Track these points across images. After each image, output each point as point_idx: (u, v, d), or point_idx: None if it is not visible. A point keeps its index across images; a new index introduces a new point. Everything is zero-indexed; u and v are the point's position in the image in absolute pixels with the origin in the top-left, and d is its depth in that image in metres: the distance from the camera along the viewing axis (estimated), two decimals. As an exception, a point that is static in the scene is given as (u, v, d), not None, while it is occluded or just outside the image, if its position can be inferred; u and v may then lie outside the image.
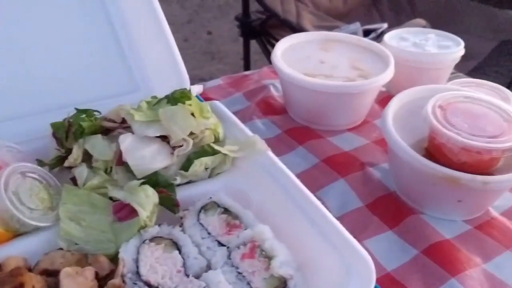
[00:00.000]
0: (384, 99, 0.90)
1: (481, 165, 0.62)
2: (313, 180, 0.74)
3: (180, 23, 3.78)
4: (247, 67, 2.50)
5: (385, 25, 1.71)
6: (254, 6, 2.25)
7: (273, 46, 0.85)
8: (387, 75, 0.80)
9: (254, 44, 2.39)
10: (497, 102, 0.67)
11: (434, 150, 0.65)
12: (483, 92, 0.83)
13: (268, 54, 2.14)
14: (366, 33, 1.76)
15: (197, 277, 0.53)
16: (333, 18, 2.12)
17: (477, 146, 0.59)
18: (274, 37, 2.16)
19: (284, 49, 0.88)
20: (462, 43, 0.90)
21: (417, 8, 2.49)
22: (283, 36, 2.19)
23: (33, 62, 0.73)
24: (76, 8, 0.76)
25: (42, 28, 0.74)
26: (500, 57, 2.15)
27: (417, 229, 0.66)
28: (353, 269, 0.50)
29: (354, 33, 1.73)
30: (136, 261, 0.54)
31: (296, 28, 1.91)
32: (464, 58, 2.32)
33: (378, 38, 1.59)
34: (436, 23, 2.30)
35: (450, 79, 0.96)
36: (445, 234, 0.65)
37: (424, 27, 1.67)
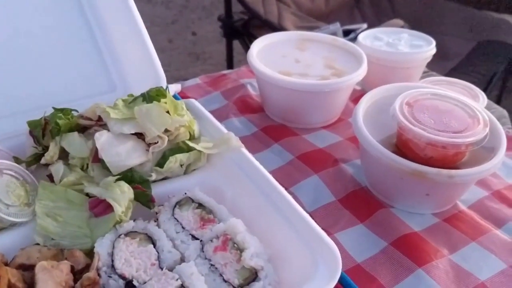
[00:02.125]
0: (359, 97, 0.92)
1: (446, 159, 0.64)
2: (287, 176, 0.76)
3: (165, 24, 3.78)
4: (230, 67, 2.51)
5: (364, 25, 1.74)
6: (237, 7, 2.26)
7: None
8: (360, 73, 0.82)
9: (238, 44, 2.41)
10: (463, 99, 0.69)
11: (402, 146, 0.67)
12: (454, 90, 0.86)
13: (250, 54, 2.15)
14: (346, 33, 1.79)
15: (171, 269, 0.54)
16: (316, 19, 2.14)
17: (442, 141, 0.62)
18: (256, 38, 2.18)
19: (260, 48, 0.90)
20: (434, 43, 0.92)
21: (397, 9, 2.52)
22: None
23: (11, 63, 0.74)
24: (54, 9, 0.77)
25: (20, 30, 0.75)
26: (479, 57, 2.19)
27: (386, 222, 0.68)
28: (320, 259, 0.52)
29: (334, 33, 1.76)
30: (111, 255, 0.55)
31: (278, 29, 1.93)
32: (443, 58, 2.35)
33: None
34: (416, 23, 2.34)
35: (423, 77, 0.99)
36: (413, 227, 0.68)
37: (402, 27, 1.70)
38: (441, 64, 2.18)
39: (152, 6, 4.00)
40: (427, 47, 0.91)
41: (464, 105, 0.68)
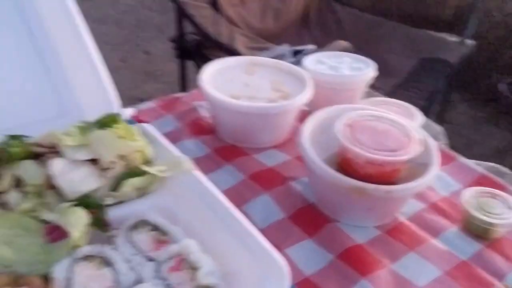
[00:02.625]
0: (306, 116, 0.97)
1: (384, 176, 0.69)
2: (239, 195, 0.79)
3: (117, 43, 3.76)
4: (183, 87, 2.54)
5: (313, 46, 1.81)
6: (189, 27, 2.30)
7: None
8: (305, 96, 0.87)
9: (192, 62, 2.44)
10: (399, 119, 0.75)
11: (344, 164, 0.72)
12: (392, 109, 0.92)
13: (203, 74, 2.19)
14: (296, 53, 1.86)
15: (128, 291, 0.56)
16: (266, 39, 2.21)
17: (379, 159, 0.67)
18: (209, 58, 2.22)
19: (211, 73, 0.93)
20: (372, 65, 0.99)
21: (343, 29, 2.63)
22: (217, 57, 2.26)
23: None
24: (3, 34, 0.78)
25: None
26: (420, 74, 2.30)
27: (333, 236, 0.73)
28: (269, 274, 0.56)
29: (283, 54, 1.82)
30: (69, 279, 0.57)
31: (229, 50, 1.98)
32: (387, 75, 2.46)
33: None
34: (361, 43, 2.45)
35: (366, 97, 1.05)
36: (357, 240, 0.72)
37: (346, 47, 1.79)
38: (385, 81, 2.28)
39: (104, 25, 3.98)
40: (367, 70, 0.98)
41: (399, 125, 0.73)
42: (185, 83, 2.52)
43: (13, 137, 0.69)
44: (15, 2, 0.79)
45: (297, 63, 1.49)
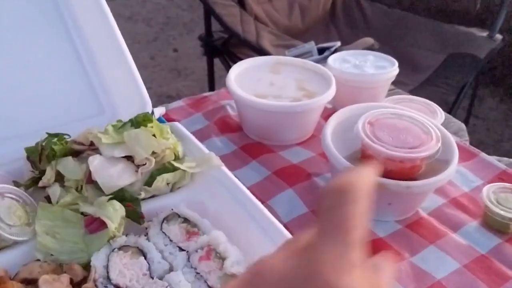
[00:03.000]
0: (330, 115, 0.99)
1: (404, 172, 0.72)
2: (264, 190, 0.83)
3: (146, 41, 3.84)
4: (211, 84, 2.59)
5: (338, 43, 1.82)
6: (217, 26, 2.34)
7: (235, 63, 0.94)
8: (329, 94, 0.90)
9: (217, 59, 2.48)
10: (419, 117, 0.77)
11: (365, 161, 0.74)
12: (414, 107, 0.94)
13: (230, 72, 2.23)
14: (321, 51, 1.88)
15: (161, 278, 0.61)
16: (293, 36, 2.23)
17: (399, 156, 0.70)
18: (236, 56, 2.26)
19: (238, 73, 0.97)
20: (396, 64, 1.01)
21: (371, 24, 2.63)
22: (244, 55, 2.30)
23: (6, 91, 0.79)
24: (44, 39, 0.83)
25: (12, 59, 0.81)
26: (449, 69, 2.29)
27: (355, 230, 0.75)
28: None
29: (309, 51, 1.85)
30: (107, 267, 0.62)
31: (256, 48, 2.02)
32: (415, 71, 2.44)
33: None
34: (389, 39, 2.45)
35: (389, 94, 1.07)
36: (378, 233, 0.75)
37: (372, 44, 1.80)
38: (413, 77, 2.29)
39: (134, 24, 4.07)
40: (391, 68, 1.00)
41: (419, 123, 0.76)
42: (213, 80, 2.57)
43: (54, 135, 0.75)
44: (54, 6, 0.84)
45: (323, 60, 1.52)
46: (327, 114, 1.00)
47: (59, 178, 0.71)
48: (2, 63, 0.80)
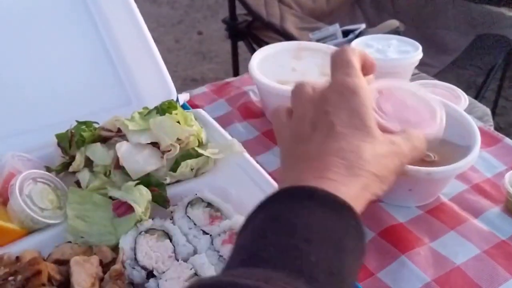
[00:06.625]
0: (352, 100, 1.00)
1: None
2: (286, 176, 0.84)
3: (171, 24, 3.86)
4: (236, 67, 2.60)
5: (363, 26, 1.80)
6: (241, 9, 2.34)
7: (259, 46, 0.96)
8: (351, 80, 0.90)
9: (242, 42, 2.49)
10: (429, 97, 0.75)
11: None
12: (437, 92, 0.94)
13: (254, 54, 2.24)
14: (346, 34, 1.86)
15: (185, 261, 0.63)
16: (318, 18, 2.22)
17: (392, 129, 0.68)
18: (260, 39, 2.26)
19: (260, 59, 0.98)
20: (420, 48, 1.00)
21: (398, 5, 2.58)
22: (268, 37, 2.28)
23: (38, 83, 0.84)
24: (74, 35, 0.87)
25: (45, 54, 0.85)
26: (478, 51, 2.24)
27: (375, 215, 0.77)
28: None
29: (333, 34, 1.83)
30: (134, 249, 0.64)
31: (279, 31, 2.01)
32: (443, 52, 2.39)
33: (357, 37, 1.69)
34: (416, 19, 2.41)
35: (413, 79, 1.07)
36: (399, 218, 0.76)
37: (397, 27, 1.77)
38: (440, 58, 2.25)
39: (158, 7, 4.09)
40: (414, 53, 0.99)
41: (426, 103, 0.74)
42: (237, 63, 2.58)
43: (84, 123, 0.77)
44: (83, 1, 0.88)
45: (347, 43, 1.51)
46: (349, 99, 1.01)
47: (88, 163, 0.74)
48: (36, 58, 0.84)
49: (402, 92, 0.73)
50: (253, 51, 2.30)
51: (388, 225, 0.74)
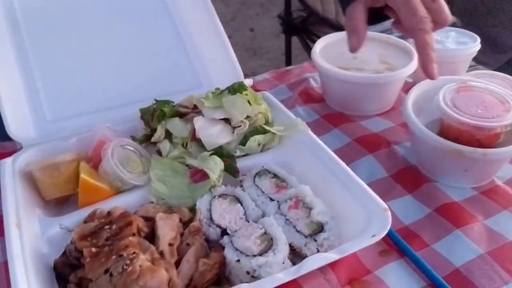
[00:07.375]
0: (410, 88, 1.04)
1: (483, 140, 0.76)
2: (345, 156, 0.88)
3: (224, 20, 3.92)
4: (288, 62, 2.66)
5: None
6: (295, 4, 2.40)
7: (313, 42, 1.00)
8: (410, 68, 0.95)
9: (295, 39, 2.54)
10: (497, 89, 0.80)
11: (445, 129, 0.79)
12: (495, 81, 0.96)
13: (308, 49, 2.29)
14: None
15: (255, 222, 0.70)
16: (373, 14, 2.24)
17: (470, 123, 0.74)
18: (314, 34, 2.31)
19: (322, 46, 1.03)
20: (478, 40, 1.03)
21: (455, 2, 2.56)
22: (323, 33, 2.33)
23: (126, 68, 0.95)
24: (152, 25, 1.00)
25: (128, 43, 0.98)
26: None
27: (431, 194, 0.81)
28: (373, 216, 0.67)
29: (388, 29, 1.86)
30: (209, 211, 0.72)
31: (335, 25, 2.06)
32: (497, 51, 2.37)
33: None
34: (473, 17, 2.39)
35: (470, 71, 1.10)
36: (454, 198, 0.80)
37: (454, 23, 1.78)
38: (496, 57, 2.23)
39: (212, 3, 4.20)
40: (472, 44, 1.02)
41: (498, 95, 0.79)
42: (290, 58, 2.63)
43: (162, 101, 0.86)
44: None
45: (405, 36, 1.54)
46: (407, 87, 1.05)
47: (168, 135, 0.82)
48: (122, 47, 0.97)
49: (469, 89, 0.78)
50: (307, 46, 2.35)
51: (443, 203, 0.78)
